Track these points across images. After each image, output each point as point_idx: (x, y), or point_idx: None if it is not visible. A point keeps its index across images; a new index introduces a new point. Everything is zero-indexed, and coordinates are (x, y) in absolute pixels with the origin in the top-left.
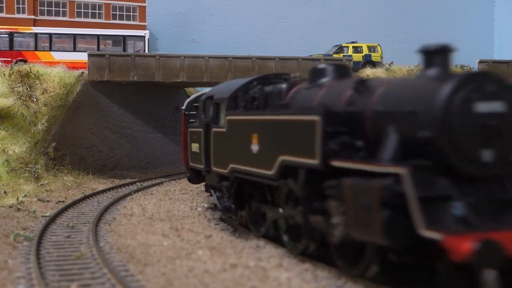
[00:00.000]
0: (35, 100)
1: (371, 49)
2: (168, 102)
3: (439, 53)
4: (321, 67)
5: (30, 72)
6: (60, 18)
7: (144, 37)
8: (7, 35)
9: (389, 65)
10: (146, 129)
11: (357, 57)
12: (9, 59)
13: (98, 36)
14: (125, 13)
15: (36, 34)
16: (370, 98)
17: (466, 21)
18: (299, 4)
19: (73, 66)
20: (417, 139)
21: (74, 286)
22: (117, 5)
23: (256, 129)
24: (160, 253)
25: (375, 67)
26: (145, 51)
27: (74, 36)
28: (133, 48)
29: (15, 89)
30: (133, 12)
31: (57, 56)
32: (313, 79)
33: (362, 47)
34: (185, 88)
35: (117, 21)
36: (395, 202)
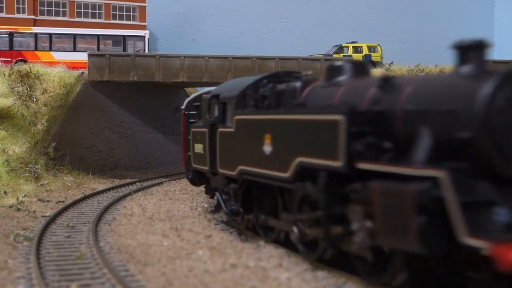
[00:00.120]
0: (35, 100)
1: (371, 49)
2: (168, 102)
3: (474, 48)
4: (339, 64)
5: (30, 72)
6: (60, 18)
7: (144, 37)
8: (7, 35)
9: (389, 65)
10: (146, 129)
11: (357, 57)
12: (9, 59)
13: (98, 36)
14: (125, 13)
15: (36, 34)
16: (398, 97)
17: (466, 21)
18: (299, 4)
19: (73, 66)
20: (454, 140)
21: (74, 286)
22: (117, 5)
23: (269, 129)
24: (160, 253)
25: (375, 67)
26: (145, 51)
27: (74, 36)
28: (133, 48)
29: (15, 89)
30: (133, 12)
31: (57, 56)
32: (330, 77)
33: (362, 47)
34: (185, 88)
35: (117, 21)
36: (432, 207)
